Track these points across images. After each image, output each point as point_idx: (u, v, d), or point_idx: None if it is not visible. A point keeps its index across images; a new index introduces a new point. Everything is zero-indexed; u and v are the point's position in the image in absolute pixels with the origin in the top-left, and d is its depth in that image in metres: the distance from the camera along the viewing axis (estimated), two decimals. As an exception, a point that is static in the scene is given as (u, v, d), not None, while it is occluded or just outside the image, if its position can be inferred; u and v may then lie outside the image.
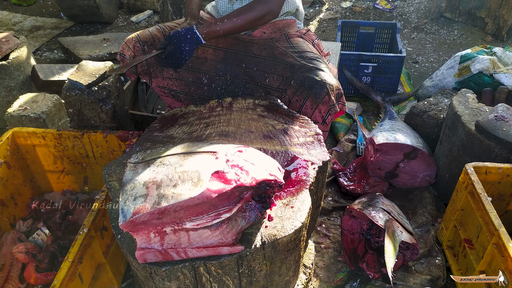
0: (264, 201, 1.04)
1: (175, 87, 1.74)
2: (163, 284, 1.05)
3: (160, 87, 1.75)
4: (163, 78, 1.73)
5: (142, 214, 0.90)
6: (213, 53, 1.72)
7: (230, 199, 0.99)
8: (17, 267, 1.55)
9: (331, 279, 1.68)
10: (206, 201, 0.93)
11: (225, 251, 0.99)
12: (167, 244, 0.98)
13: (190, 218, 0.96)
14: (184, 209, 0.94)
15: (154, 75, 1.72)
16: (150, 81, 1.73)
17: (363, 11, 4.26)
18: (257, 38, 1.74)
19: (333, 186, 2.14)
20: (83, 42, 3.38)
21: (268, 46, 1.70)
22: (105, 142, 1.71)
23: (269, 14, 1.57)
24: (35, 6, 4.56)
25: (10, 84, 2.54)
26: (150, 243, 0.98)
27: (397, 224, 1.64)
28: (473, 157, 1.76)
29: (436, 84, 2.64)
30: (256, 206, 1.04)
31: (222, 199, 0.97)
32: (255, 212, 1.04)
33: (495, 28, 3.61)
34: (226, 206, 0.98)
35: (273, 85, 1.63)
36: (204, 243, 0.98)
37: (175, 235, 0.97)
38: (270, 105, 1.53)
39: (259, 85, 1.66)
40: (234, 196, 0.99)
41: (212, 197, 0.92)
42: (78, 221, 1.73)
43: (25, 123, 1.96)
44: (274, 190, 1.06)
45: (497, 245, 1.34)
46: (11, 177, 1.73)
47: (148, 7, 4.28)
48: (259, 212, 1.04)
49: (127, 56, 1.64)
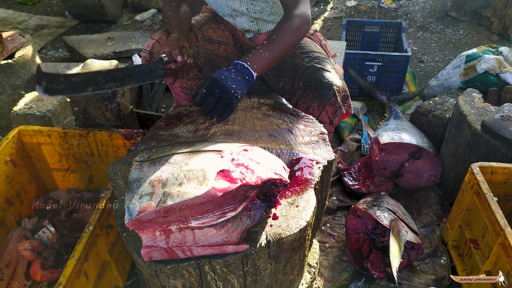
0: (269, 200, 1.04)
1: None
2: (168, 282, 1.05)
3: (182, 87, 1.69)
4: (188, 79, 1.67)
5: (148, 213, 0.91)
6: (232, 52, 1.72)
7: (236, 197, 0.99)
8: (23, 264, 1.56)
9: (336, 279, 1.67)
10: (212, 199, 0.93)
11: (230, 249, 0.99)
12: (173, 242, 0.98)
13: (195, 217, 0.96)
14: (189, 207, 0.94)
15: (181, 76, 1.65)
16: (174, 81, 1.67)
17: (368, 10, 4.25)
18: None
19: (337, 186, 2.13)
20: (88, 41, 3.39)
21: None
22: (110, 140, 1.72)
23: (305, 21, 1.40)
24: (40, 5, 4.58)
25: (16, 83, 2.56)
26: (156, 241, 0.98)
27: (402, 224, 1.63)
28: (479, 157, 1.75)
29: (442, 83, 2.62)
30: (261, 205, 1.04)
31: (228, 198, 0.97)
32: (260, 211, 1.04)
33: (501, 27, 3.59)
34: (232, 204, 0.98)
35: (286, 88, 1.63)
36: (209, 241, 0.99)
37: (181, 234, 0.98)
38: (275, 104, 1.53)
39: (273, 88, 1.66)
40: (239, 195, 0.99)
41: (217, 196, 0.92)
42: (83, 219, 1.74)
43: (31, 121, 1.97)
44: (279, 189, 1.05)
45: (503, 245, 1.33)
46: (17, 175, 1.74)
47: (152, 5, 4.29)
48: (264, 211, 1.04)
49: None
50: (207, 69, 1.69)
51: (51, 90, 1.18)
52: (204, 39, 1.67)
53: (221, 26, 1.74)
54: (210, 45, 1.68)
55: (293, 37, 1.36)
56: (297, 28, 1.37)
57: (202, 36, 1.67)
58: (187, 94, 1.70)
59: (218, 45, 1.70)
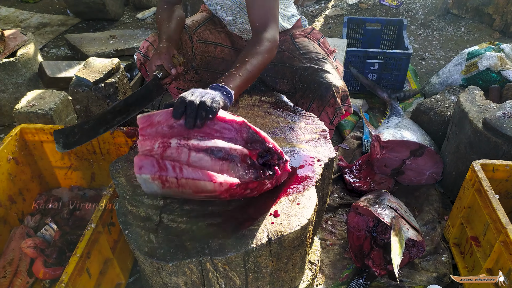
0: (268, 166, 1.09)
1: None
2: (170, 279, 1.06)
3: (178, 88, 1.71)
4: (185, 81, 1.68)
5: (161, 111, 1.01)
6: (229, 53, 1.72)
7: (238, 135, 1.07)
8: (25, 261, 1.57)
9: (337, 276, 1.68)
10: (215, 120, 1.05)
11: (220, 179, 0.99)
12: (167, 156, 1.01)
13: (197, 136, 1.02)
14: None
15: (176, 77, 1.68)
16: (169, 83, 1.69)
17: (369, 7, 4.24)
18: None
19: (339, 183, 2.13)
20: (90, 39, 3.40)
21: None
22: (112, 138, 1.72)
23: (274, 45, 1.40)
24: (42, 3, 4.59)
25: (18, 81, 2.56)
26: (152, 152, 1.02)
27: (403, 221, 1.63)
28: (480, 154, 1.75)
29: (443, 81, 2.62)
30: (260, 167, 1.08)
31: (230, 130, 1.07)
32: (257, 171, 1.07)
33: (502, 24, 3.57)
34: (232, 139, 1.06)
35: (284, 90, 1.63)
36: (201, 166, 1.01)
37: (177, 151, 1.02)
38: (276, 102, 1.54)
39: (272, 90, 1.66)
40: (241, 136, 1.06)
41: (222, 117, 1.05)
42: (85, 217, 1.74)
43: (33, 119, 1.97)
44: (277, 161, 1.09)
45: (504, 243, 1.34)
46: (19, 173, 1.75)
47: (153, 4, 4.29)
48: (262, 173, 1.07)
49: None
50: (204, 71, 1.69)
51: (70, 144, 1.28)
52: (200, 41, 1.66)
53: (218, 28, 1.73)
54: (206, 47, 1.68)
55: (264, 60, 1.35)
56: (268, 51, 1.36)
57: (197, 38, 1.66)
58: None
59: (215, 46, 1.69)
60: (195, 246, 1.01)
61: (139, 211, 1.11)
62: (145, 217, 1.09)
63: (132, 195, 1.16)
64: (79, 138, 1.28)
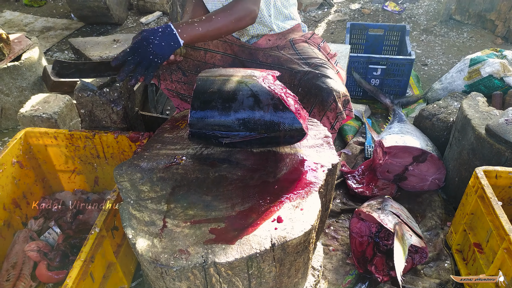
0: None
1: (183, 91, 1.74)
2: (173, 284, 1.06)
3: (168, 89, 1.74)
4: (172, 81, 1.71)
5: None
6: (221, 59, 1.72)
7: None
8: (29, 265, 1.57)
9: (340, 282, 1.68)
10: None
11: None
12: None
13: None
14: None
15: (163, 77, 1.71)
16: (159, 83, 1.73)
17: (372, 13, 4.26)
18: (263, 46, 1.73)
19: (341, 189, 2.14)
20: (93, 43, 3.42)
21: (274, 54, 1.70)
22: (116, 142, 1.73)
23: (249, 16, 1.46)
24: (46, 7, 4.62)
25: (22, 85, 2.58)
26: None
27: (406, 227, 1.63)
28: (483, 161, 1.75)
29: (446, 87, 2.63)
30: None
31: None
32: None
33: (505, 30, 3.58)
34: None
35: None
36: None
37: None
38: (280, 107, 1.54)
39: None
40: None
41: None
42: (88, 221, 1.75)
43: (37, 123, 1.99)
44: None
45: (507, 250, 1.33)
46: (23, 177, 1.76)
47: (157, 8, 4.32)
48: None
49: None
50: (193, 75, 1.69)
51: (62, 75, 1.43)
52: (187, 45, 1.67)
53: None
54: (193, 51, 1.68)
55: (231, 25, 1.42)
56: (239, 18, 1.42)
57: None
58: (175, 97, 1.76)
59: (204, 52, 1.69)
60: (198, 251, 1.01)
61: (143, 216, 1.11)
62: (149, 221, 1.09)
63: (136, 199, 1.16)
64: (72, 73, 1.43)
